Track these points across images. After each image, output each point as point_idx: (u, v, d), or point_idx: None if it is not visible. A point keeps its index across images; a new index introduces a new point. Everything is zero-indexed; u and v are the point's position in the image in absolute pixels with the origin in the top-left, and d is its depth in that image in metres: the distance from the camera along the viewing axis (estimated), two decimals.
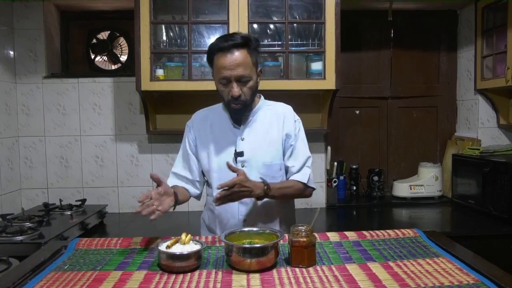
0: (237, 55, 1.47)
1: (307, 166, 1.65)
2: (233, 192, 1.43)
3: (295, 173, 1.63)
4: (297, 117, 1.68)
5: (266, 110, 1.66)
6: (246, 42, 1.49)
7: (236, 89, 1.48)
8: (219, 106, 1.70)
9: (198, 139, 1.66)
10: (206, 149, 1.63)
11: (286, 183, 1.61)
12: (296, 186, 1.62)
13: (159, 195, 1.41)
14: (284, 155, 1.64)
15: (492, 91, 2.66)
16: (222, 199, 1.44)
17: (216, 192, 1.59)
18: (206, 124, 1.67)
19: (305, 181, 1.63)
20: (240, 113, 1.58)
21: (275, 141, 1.62)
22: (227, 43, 1.47)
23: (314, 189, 1.69)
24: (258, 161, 1.59)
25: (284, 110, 1.67)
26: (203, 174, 1.70)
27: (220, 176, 1.57)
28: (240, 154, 1.58)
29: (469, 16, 2.81)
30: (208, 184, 1.70)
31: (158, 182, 1.43)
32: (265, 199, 1.55)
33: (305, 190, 1.65)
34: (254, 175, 1.57)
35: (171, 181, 1.68)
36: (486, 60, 2.66)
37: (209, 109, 1.73)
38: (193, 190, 1.69)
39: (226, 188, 1.42)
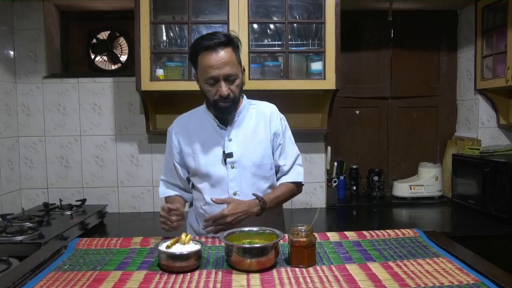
0: (223, 53, 1.45)
1: (297, 164, 1.66)
2: (226, 223, 1.42)
3: (286, 172, 1.64)
4: (282, 115, 1.68)
5: (251, 109, 1.64)
6: (229, 41, 1.48)
7: (224, 88, 1.46)
8: (200, 109, 1.67)
9: (182, 144, 1.62)
10: (192, 153, 1.60)
11: (278, 191, 1.60)
12: (288, 190, 1.62)
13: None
14: (273, 154, 1.63)
15: (492, 91, 2.66)
16: (215, 230, 1.44)
17: (209, 198, 1.56)
18: (189, 128, 1.63)
19: (301, 180, 1.64)
20: (228, 112, 1.55)
21: (263, 140, 1.61)
22: (213, 41, 1.44)
23: (303, 184, 1.69)
24: (248, 161, 1.57)
25: (270, 109, 1.66)
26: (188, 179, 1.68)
27: (210, 179, 1.57)
28: (229, 155, 1.56)
29: (469, 16, 2.81)
30: (195, 188, 1.67)
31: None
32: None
33: (297, 189, 1.66)
34: (245, 176, 1.56)
35: (164, 191, 1.68)
36: (486, 60, 2.66)
37: (192, 112, 1.69)
38: (187, 196, 1.69)
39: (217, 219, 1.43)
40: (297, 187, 1.66)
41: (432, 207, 2.70)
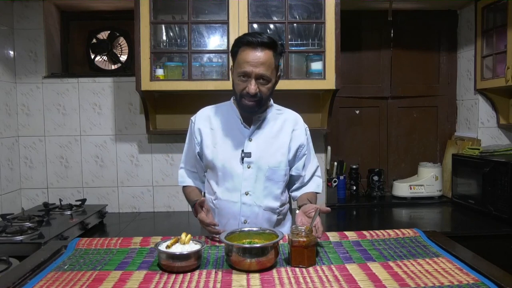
0: (263, 53, 1.47)
1: (317, 175, 1.71)
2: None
3: (306, 183, 1.68)
4: (305, 126, 1.70)
5: (276, 114, 1.66)
6: (273, 44, 1.50)
7: (253, 87, 1.47)
8: (226, 104, 1.67)
9: (203, 135, 1.63)
10: (211, 146, 1.61)
11: (314, 198, 1.64)
12: (315, 199, 1.68)
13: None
14: (294, 163, 1.66)
15: (492, 91, 2.66)
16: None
17: (220, 193, 1.57)
18: (212, 121, 1.64)
19: (319, 191, 1.71)
20: (252, 111, 1.55)
21: (283, 147, 1.61)
22: (256, 39, 1.47)
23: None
24: (265, 164, 1.58)
25: (295, 118, 1.68)
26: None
27: (225, 175, 1.57)
28: (248, 154, 1.56)
29: (469, 16, 2.81)
30: (207, 180, 1.67)
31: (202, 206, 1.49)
32: (262, 199, 1.59)
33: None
34: (260, 178, 1.57)
35: (185, 180, 1.70)
36: (486, 60, 2.66)
37: (216, 106, 1.70)
38: (203, 186, 1.71)
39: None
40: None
41: (432, 207, 2.70)
